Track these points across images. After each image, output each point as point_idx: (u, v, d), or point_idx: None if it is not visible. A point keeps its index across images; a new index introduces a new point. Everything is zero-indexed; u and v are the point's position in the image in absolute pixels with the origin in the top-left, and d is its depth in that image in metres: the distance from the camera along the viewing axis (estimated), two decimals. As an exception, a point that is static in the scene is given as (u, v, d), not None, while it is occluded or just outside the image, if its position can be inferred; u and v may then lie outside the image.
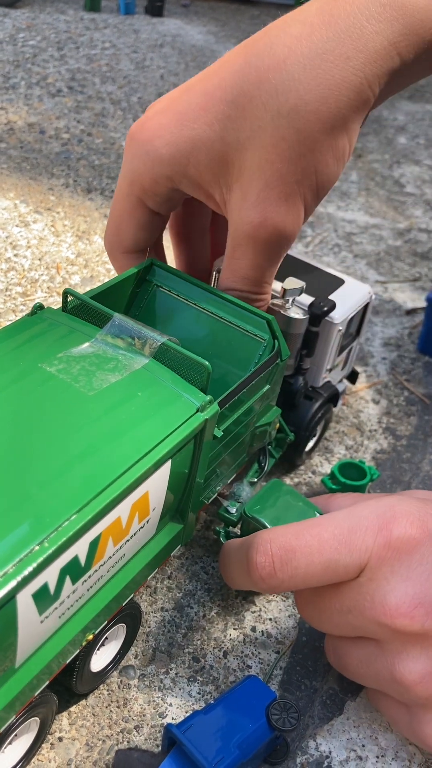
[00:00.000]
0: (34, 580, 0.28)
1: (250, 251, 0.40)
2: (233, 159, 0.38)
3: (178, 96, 0.40)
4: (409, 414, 0.62)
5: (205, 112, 0.38)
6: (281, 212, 0.39)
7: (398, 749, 0.39)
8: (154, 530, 0.38)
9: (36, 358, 0.36)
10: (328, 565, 0.35)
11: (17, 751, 0.35)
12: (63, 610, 0.32)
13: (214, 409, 0.37)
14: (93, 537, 0.31)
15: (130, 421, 0.34)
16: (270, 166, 0.38)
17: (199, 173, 0.39)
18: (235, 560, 0.39)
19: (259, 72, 0.37)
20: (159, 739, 0.38)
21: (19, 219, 0.78)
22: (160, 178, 0.40)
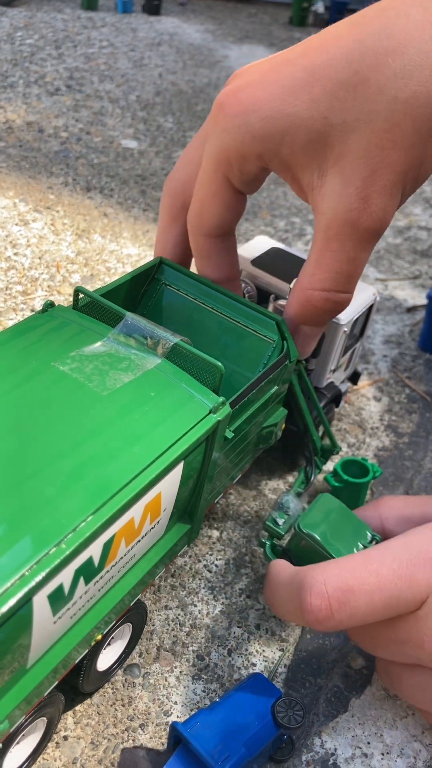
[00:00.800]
0: (50, 582, 0.28)
1: (348, 242, 0.38)
2: (334, 142, 0.36)
3: (274, 68, 0.37)
4: (410, 411, 0.62)
5: (309, 88, 0.35)
6: (385, 201, 0.36)
7: (403, 746, 0.39)
8: (164, 530, 0.38)
9: (48, 356, 0.36)
10: (389, 602, 0.34)
11: (24, 750, 0.35)
12: (75, 611, 0.32)
13: (227, 410, 0.37)
14: (107, 538, 0.31)
15: (144, 422, 0.34)
16: (379, 152, 0.35)
17: (293, 154, 0.37)
18: (286, 597, 0.37)
19: (377, 54, 0.34)
20: (164, 738, 0.38)
21: (19, 218, 0.77)
22: (249, 156, 0.38)
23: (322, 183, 0.37)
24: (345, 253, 0.38)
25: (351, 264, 0.39)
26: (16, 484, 0.30)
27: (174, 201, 0.44)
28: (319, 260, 0.39)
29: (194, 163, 0.43)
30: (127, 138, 1.00)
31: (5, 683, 0.30)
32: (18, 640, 0.29)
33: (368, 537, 0.42)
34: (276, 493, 0.52)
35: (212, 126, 0.39)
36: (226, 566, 0.47)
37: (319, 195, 0.37)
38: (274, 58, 0.38)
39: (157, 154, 0.97)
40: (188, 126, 1.07)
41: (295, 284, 0.41)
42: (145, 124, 1.05)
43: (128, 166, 0.93)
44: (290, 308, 0.41)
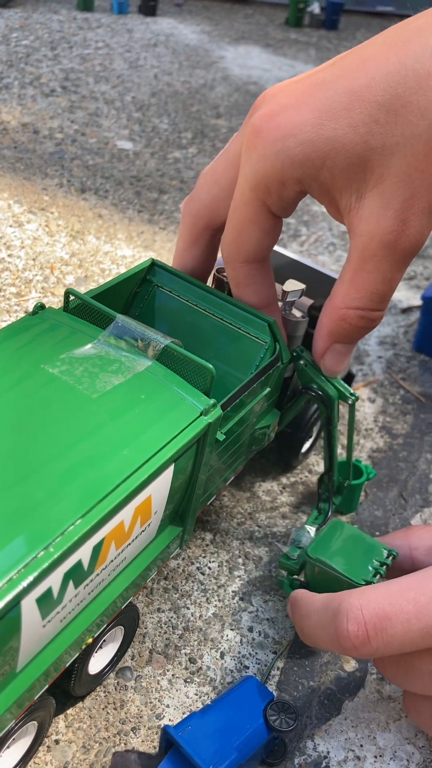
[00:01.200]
0: (38, 586, 0.28)
1: (384, 264, 0.38)
2: (374, 165, 0.36)
3: (310, 91, 0.37)
4: (405, 412, 0.62)
5: (348, 112, 0.35)
6: (423, 223, 0.37)
7: (396, 749, 0.39)
8: (155, 533, 0.37)
9: (38, 359, 0.36)
10: (428, 631, 0.33)
11: (15, 754, 0.35)
12: (65, 614, 0.31)
13: (218, 412, 0.36)
14: (97, 541, 0.31)
15: (134, 424, 0.34)
16: (419, 175, 0.35)
17: (333, 178, 0.37)
18: (319, 624, 0.37)
19: (419, 77, 0.34)
20: (156, 741, 0.38)
21: (13, 219, 0.77)
22: (289, 181, 0.38)
23: (360, 205, 0.37)
24: (381, 274, 0.38)
25: (386, 284, 0.39)
26: (6, 488, 0.30)
27: (196, 222, 0.44)
28: (354, 280, 0.39)
29: (219, 185, 0.42)
30: (122, 139, 1.00)
31: None
32: (7, 644, 0.28)
33: (384, 554, 0.41)
34: (270, 495, 0.52)
35: (248, 151, 0.38)
36: (219, 568, 0.47)
37: (356, 217, 0.37)
38: (308, 79, 0.38)
39: (153, 155, 0.97)
40: (183, 127, 1.07)
41: (327, 302, 0.41)
42: (141, 125, 1.05)
43: (123, 168, 0.92)
44: (324, 328, 0.41)
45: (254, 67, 1.38)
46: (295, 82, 0.39)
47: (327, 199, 0.39)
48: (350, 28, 1.75)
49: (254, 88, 1.26)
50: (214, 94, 1.21)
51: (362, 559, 0.41)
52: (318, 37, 1.65)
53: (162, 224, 0.81)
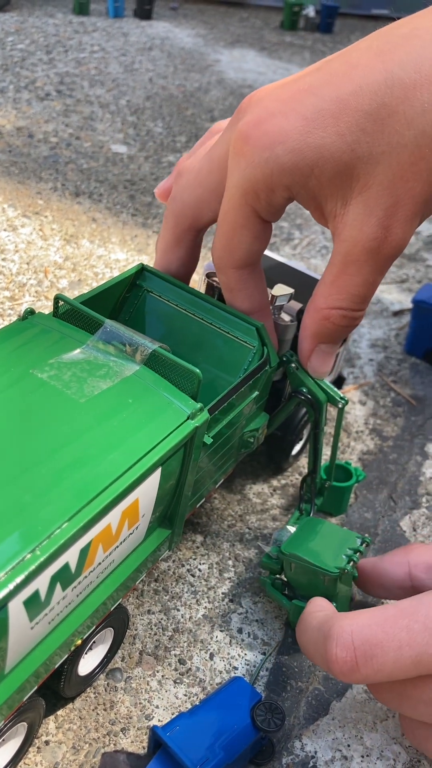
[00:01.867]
0: (25, 588, 0.28)
1: (366, 268, 0.39)
2: (360, 173, 0.37)
3: (296, 97, 0.37)
4: (395, 415, 0.62)
5: (335, 120, 0.36)
6: (405, 229, 0.38)
7: (383, 749, 0.40)
8: (143, 536, 0.38)
9: (27, 364, 0.36)
10: (419, 659, 0.33)
11: (4, 755, 0.35)
12: (53, 616, 0.32)
13: (205, 416, 0.37)
14: (84, 544, 0.31)
15: (121, 428, 0.34)
16: (403, 183, 0.36)
17: (320, 185, 0.38)
18: (313, 642, 0.36)
19: (405, 87, 0.35)
20: (145, 742, 0.38)
21: (7, 223, 0.78)
22: (277, 187, 0.38)
23: (345, 211, 0.38)
24: (363, 277, 0.39)
25: (368, 287, 0.40)
26: None
27: (180, 222, 0.44)
28: (336, 282, 0.40)
29: (204, 186, 0.43)
30: (116, 143, 1.01)
31: None
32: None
33: (357, 542, 0.42)
34: (260, 497, 0.53)
35: (236, 157, 0.39)
36: (209, 570, 0.47)
37: (341, 223, 0.38)
38: (294, 84, 0.38)
39: (147, 159, 0.97)
40: (178, 131, 1.07)
41: (309, 303, 0.42)
42: (135, 128, 1.06)
43: (117, 171, 0.93)
44: (307, 329, 0.42)
45: (249, 70, 1.38)
46: (281, 87, 0.39)
47: (313, 205, 0.39)
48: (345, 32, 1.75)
49: (249, 91, 1.27)
50: (209, 98, 1.22)
51: (336, 549, 0.41)
52: (313, 40, 1.65)
53: (156, 228, 0.82)
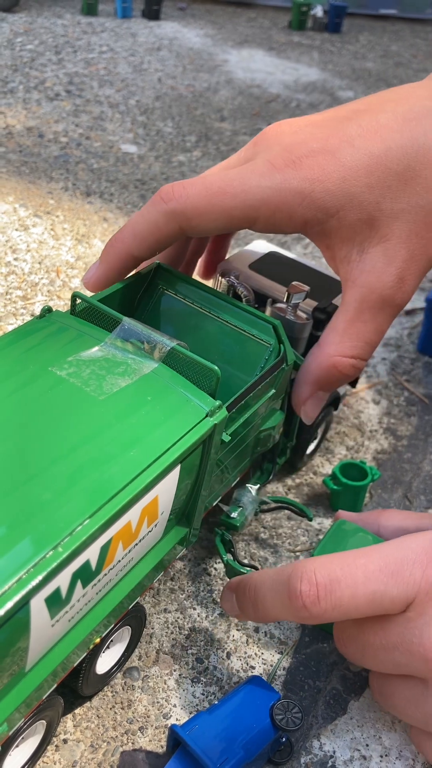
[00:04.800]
0: (47, 585, 0.28)
1: (381, 315, 0.41)
2: (380, 225, 0.40)
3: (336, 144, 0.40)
4: (409, 414, 0.62)
5: (368, 174, 0.40)
6: (416, 281, 0.41)
7: (402, 748, 0.39)
8: (162, 534, 0.38)
9: (46, 361, 0.36)
10: (374, 597, 0.35)
11: (23, 753, 0.35)
12: (73, 614, 0.32)
13: (223, 414, 0.37)
14: (104, 541, 0.31)
15: (141, 426, 0.34)
16: (419, 240, 0.40)
17: (339, 228, 0.41)
18: (271, 591, 0.37)
19: (428, 154, 0.40)
20: (163, 741, 0.38)
21: (19, 223, 0.78)
22: (296, 217, 0.41)
23: (361, 259, 0.41)
24: (376, 324, 0.42)
25: (378, 335, 0.42)
26: (14, 488, 0.30)
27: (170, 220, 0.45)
28: (349, 329, 0.42)
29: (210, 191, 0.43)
30: (126, 143, 1.01)
31: (4, 686, 0.30)
32: (16, 644, 0.29)
33: None
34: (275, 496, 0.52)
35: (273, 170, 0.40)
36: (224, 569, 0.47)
37: (356, 269, 0.41)
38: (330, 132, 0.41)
39: (157, 158, 0.97)
40: (188, 131, 1.07)
41: (317, 349, 0.43)
42: (145, 128, 1.06)
43: (128, 171, 0.93)
44: (311, 374, 0.43)
45: (258, 70, 1.38)
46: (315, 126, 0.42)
47: (325, 244, 0.42)
48: (353, 31, 1.75)
49: (258, 91, 1.27)
50: (218, 98, 1.22)
51: None
52: (321, 40, 1.65)
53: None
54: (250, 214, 0.41)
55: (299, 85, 1.33)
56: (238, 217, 0.41)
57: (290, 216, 0.41)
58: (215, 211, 0.41)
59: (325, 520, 0.51)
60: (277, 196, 0.40)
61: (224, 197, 0.41)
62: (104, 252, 0.44)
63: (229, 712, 0.37)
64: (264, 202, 0.40)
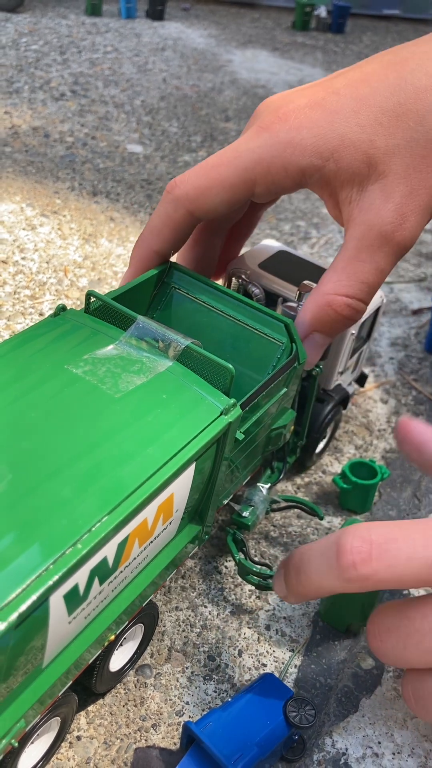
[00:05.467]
0: (66, 582, 0.28)
1: (379, 254, 0.40)
2: (377, 162, 0.40)
3: (322, 95, 0.41)
4: (417, 413, 0.62)
5: (356, 114, 0.40)
6: (419, 219, 0.40)
7: (414, 746, 0.40)
8: (176, 531, 0.38)
9: (62, 359, 0.36)
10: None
11: (38, 749, 0.35)
12: (89, 611, 0.32)
13: (237, 412, 0.37)
14: (121, 538, 0.31)
15: (156, 424, 0.34)
16: (418, 174, 0.39)
17: (337, 170, 0.40)
18: (318, 552, 0.34)
19: (417, 89, 0.39)
20: (176, 738, 0.38)
21: (26, 222, 0.78)
22: (292, 169, 0.41)
23: (360, 197, 0.40)
24: (375, 264, 0.41)
25: (378, 275, 0.41)
26: (33, 486, 0.30)
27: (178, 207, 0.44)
28: (347, 268, 0.41)
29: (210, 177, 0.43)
30: (132, 143, 1.01)
31: (21, 683, 0.30)
32: (34, 641, 0.29)
33: None
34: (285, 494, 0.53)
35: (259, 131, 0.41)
36: (235, 567, 0.47)
37: (356, 208, 0.41)
38: (315, 87, 0.42)
39: (163, 158, 0.98)
40: (193, 131, 1.07)
41: (315, 289, 0.42)
42: (150, 128, 1.06)
43: (134, 171, 0.93)
44: (307, 312, 0.42)
45: (262, 70, 1.38)
46: (303, 89, 0.43)
47: (327, 191, 0.42)
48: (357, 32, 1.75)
49: (262, 91, 1.27)
50: (223, 98, 1.22)
51: None
52: (325, 40, 1.65)
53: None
54: (247, 176, 0.41)
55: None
56: (236, 184, 0.41)
57: (285, 168, 0.41)
58: (215, 185, 0.41)
59: (334, 518, 0.52)
60: (267, 151, 0.40)
61: (219, 169, 0.41)
62: (131, 255, 0.45)
63: (243, 709, 0.37)
64: (257, 161, 0.41)
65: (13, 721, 0.30)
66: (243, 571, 0.44)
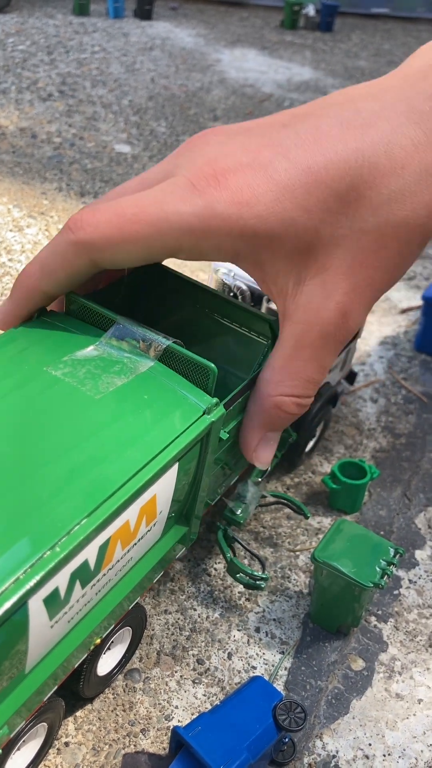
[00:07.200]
0: (45, 585, 0.28)
1: (322, 352, 0.38)
2: (319, 254, 0.35)
3: (268, 154, 0.35)
4: (407, 412, 0.62)
5: (306, 195, 0.34)
6: (362, 314, 0.37)
7: (405, 747, 0.39)
8: (161, 533, 0.38)
9: (41, 361, 0.36)
10: None
11: (25, 756, 0.35)
12: (72, 615, 0.32)
13: (220, 411, 0.37)
14: (102, 541, 0.31)
15: (137, 424, 0.34)
16: (363, 270, 0.36)
17: (274, 259, 0.36)
18: None
19: (375, 173, 0.34)
20: (166, 742, 0.38)
21: (13, 224, 0.77)
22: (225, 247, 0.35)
23: (297, 292, 0.37)
24: (317, 362, 0.38)
25: (321, 372, 0.39)
26: (11, 488, 0.30)
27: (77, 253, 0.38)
28: (288, 367, 0.38)
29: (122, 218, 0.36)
30: (120, 143, 1.00)
31: (4, 689, 0.30)
32: (15, 646, 0.28)
33: (391, 552, 0.42)
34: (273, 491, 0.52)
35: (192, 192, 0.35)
36: (225, 570, 0.47)
37: (293, 304, 0.37)
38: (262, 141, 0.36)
39: (151, 158, 0.97)
40: (181, 130, 1.07)
41: (256, 391, 0.40)
42: (138, 128, 1.06)
43: (122, 171, 0.93)
44: (254, 418, 0.40)
45: (250, 69, 1.38)
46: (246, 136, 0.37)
47: (258, 277, 0.38)
48: (345, 30, 1.75)
49: (251, 90, 1.27)
50: (211, 97, 1.21)
51: (370, 560, 0.41)
52: (313, 39, 1.65)
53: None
54: (171, 244, 0.35)
55: (292, 84, 1.33)
56: (157, 248, 0.36)
57: (218, 247, 0.36)
58: (130, 241, 0.35)
59: (324, 519, 0.51)
60: (200, 225, 0.34)
61: (139, 226, 0.35)
62: (14, 286, 0.39)
63: (232, 713, 0.36)
64: (186, 232, 0.35)
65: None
66: (233, 570, 0.43)
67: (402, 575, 0.48)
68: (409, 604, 0.47)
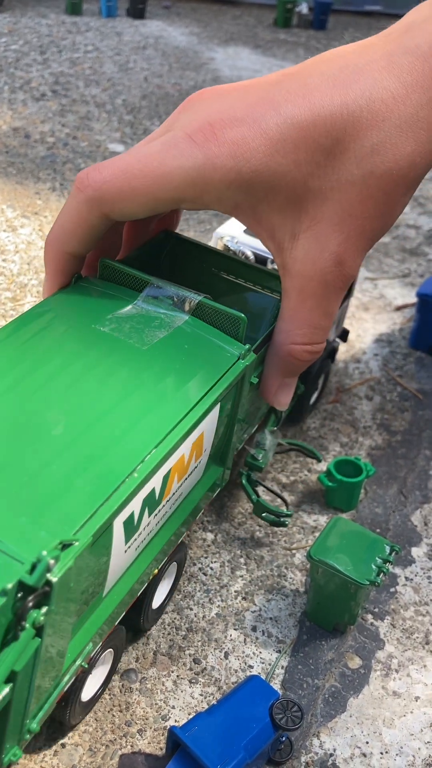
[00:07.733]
0: (125, 508, 0.32)
1: (324, 300, 0.40)
2: (309, 206, 0.37)
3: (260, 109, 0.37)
4: (402, 410, 0.62)
5: (296, 149, 0.36)
6: (357, 260, 0.40)
7: (402, 745, 0.39)
8: (202, 473, 0.41)
9: (88, 320, 0.40)
10: None
11: (97, 679, 0.38)
12: (139, 542, 0.35)
13: (252, 357, 0.41)
14: (166, 471, 0.35)
15: (183, 370, 0.38)
16: (353, 221, 0.38)
17: (270, 213, 0.38)
18: None
19: (358, 126, 0.36)
20: (162, 743, 0.38)
21: (7, 224, 0.77)
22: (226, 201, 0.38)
23: (293, 246, 0.39)
24: (321, 309, 0.41)
25: (327, 318, 0.41)
26: (88, 426, 0.34)
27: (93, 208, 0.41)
28: (295, 317, 0.41)
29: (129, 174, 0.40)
30: (113, 142, 1.00)
31: (86, 611, 0.33)
32: (100, 566, 0.32)
33: (387, 550, 0.42)
34: (270, 494, 0.52)
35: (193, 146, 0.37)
36: (221, 569, 0.47)
37: (290, 258, 0.39)
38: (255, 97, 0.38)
39: (145, 157, 0.97)
40: (175, 129, 1.07)
41: (271, 344, 0.43)
42: (132, 127, 1.05)
43: (115, 170, 0.92)
44: (273, 367, 0.43)
45: (244, 68, 1.38)
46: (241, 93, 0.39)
47: (256, 230, 0.40)
48: (338, 28, 1.75)
49: (244, 88, 1.26)
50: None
51: (366, 557, 0.41)
52: (306, 37, 1.65)
53: (156, 226, 0.81)
54: (176, 196, 0.38)
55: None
56: (161, 198, 0.38)
57: (219, 199, 0.38)
58: (138, 195, 0.38)
59: (320, 517, 0.51)
60: (201, 178, 0.37)
61: (145, 180, 0.38)
62: (44, 258, 0.42)
63: (229, 713, 0.36)
64: (189, 184, 0.37)
65: (83, 645, 0.33)
66: (259, 510, 0.47)
67: (398, 573, 0.48)
68: (405, 601, 0.47)
